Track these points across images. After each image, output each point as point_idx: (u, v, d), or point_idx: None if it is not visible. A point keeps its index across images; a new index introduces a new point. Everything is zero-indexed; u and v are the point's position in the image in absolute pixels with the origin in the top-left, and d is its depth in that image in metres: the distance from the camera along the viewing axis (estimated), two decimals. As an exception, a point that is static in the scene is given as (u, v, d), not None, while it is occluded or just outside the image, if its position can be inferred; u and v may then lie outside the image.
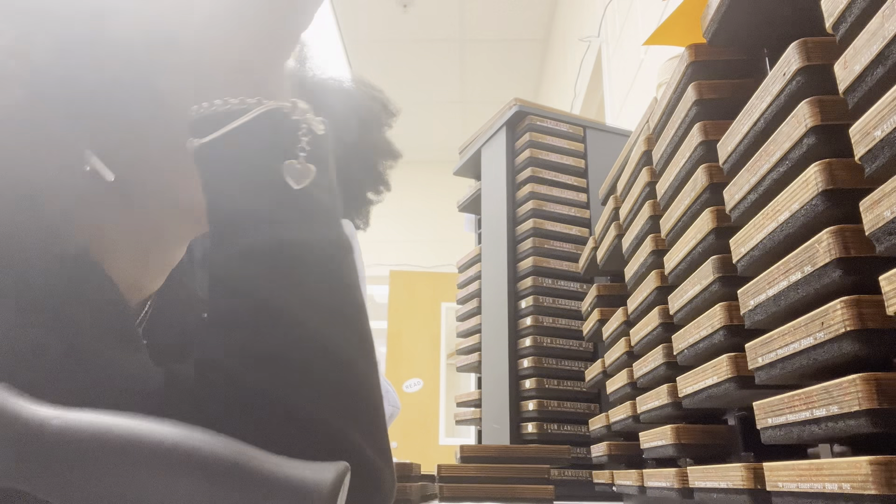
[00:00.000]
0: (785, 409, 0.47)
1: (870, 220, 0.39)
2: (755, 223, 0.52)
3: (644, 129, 0.87)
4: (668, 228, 0.71)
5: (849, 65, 0.41)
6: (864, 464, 0.38)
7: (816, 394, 0.43)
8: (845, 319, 0.41)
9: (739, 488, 0.55)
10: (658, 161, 0.75)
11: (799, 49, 0.48)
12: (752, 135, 0.54)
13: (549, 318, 1.27)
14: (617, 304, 0.96)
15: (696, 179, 0.64)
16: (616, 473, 0.92)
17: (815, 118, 0.45)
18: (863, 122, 0.40)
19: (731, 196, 0.56)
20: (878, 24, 0.38)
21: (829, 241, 0.42)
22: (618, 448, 0.96)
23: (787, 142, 0.48)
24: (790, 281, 0.47)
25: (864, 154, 0.40)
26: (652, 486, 0.76)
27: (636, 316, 0.85)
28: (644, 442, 0.78)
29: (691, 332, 0.64)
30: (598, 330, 1.05)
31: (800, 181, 0.45)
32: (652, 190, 0.81)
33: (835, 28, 0.43)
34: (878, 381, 0.39)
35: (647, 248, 0.80)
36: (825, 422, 0.43)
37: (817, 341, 0.43)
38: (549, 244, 1.31)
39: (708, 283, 0.61)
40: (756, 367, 0.52)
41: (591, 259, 1.12)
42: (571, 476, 1.16)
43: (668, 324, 0.74)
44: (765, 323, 0.51)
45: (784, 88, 0.49)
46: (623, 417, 0.89)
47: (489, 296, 1.44)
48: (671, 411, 0.73)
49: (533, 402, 1.22)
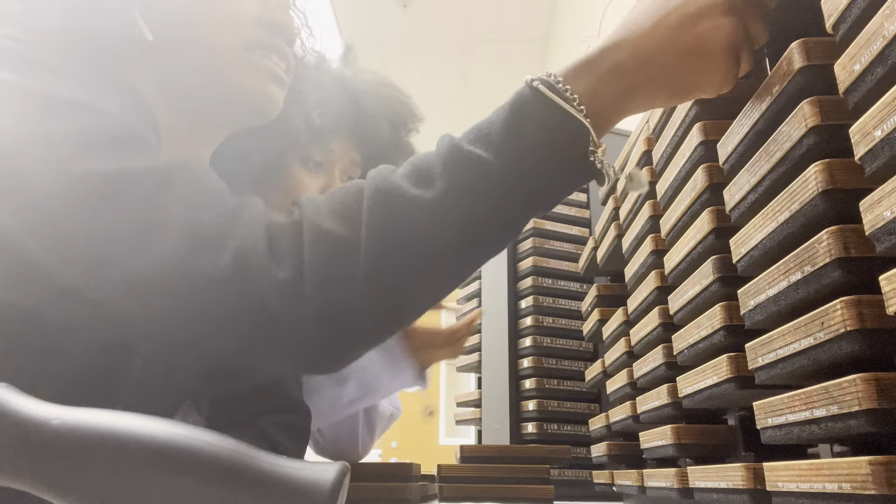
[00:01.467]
0: (785, 409, 0.47)
1: (870, 220, 0.39)
2: (755, 223, 0.52)
3: (644, 129, 0.87)
4: (668, 228, 0.71)
5: (849, 65, 0.41)
6: (864, 464, 0.38)
7: (816, 394, 0.43)
8: (845, 319, 0.41)
9: (739, 488, 0.55)
10: (658, 161, 0.75)
11: (799, 49, 0.48)
12: (752, 135, 0.54)
13: (549, 318, 1.27)
14: (617, 304, 0.96)
15: (696, 179, 0.64)
16: (616, 473, 0.92)
17: (815, 118, 0.45)
18: (863, 122, 0.40)
19: (731, 196, 0.56)
20: (878, 24, 0.38)
21: (829, 241, 0.42)
22: (618, 448, 0.96)
23: (787, 142, 0.48)
24: (790, 281, 0.47)
25: (864, 154, 0.40)
26: (652, 486, 0.76)
27: (636, 316, 0.85)
28: (644, 442, 0.78)
29: (691, 333, 0.64)
30: (598, 330, 1.05)
31: (800, 181, 0.45)
32: (652, 190, 0.81)
33: (835, 28, 0.43)
34: (878, 381, 0.39)
35: (647, 248, 0.80)
36: (825, 422, 0.43)
37: (817, 341, 0.43)
38: (549, 244, 1.31)
39: (708, 283, 0.61)
40: (756, 367, 0.52)
41: (591, 259, 1.12)
42: (571, 476, 1.16)
43: (668, 324, 0.74)
44: (765, 323, 0.51)
45: (784, 88, 0.49)
46: (623, 417, 0.89)
47: (489, 296, 1.44)
48: (671, 411, 0.73)
49: (533, 402, 1.22)
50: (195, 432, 0.34)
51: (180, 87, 0.62)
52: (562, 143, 0.48)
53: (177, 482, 0.32)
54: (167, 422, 0.35)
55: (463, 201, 0.46)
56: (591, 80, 0.50)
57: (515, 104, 0.49)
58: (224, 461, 0.33)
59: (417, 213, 0.45)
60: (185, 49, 0.60)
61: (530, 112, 0.48)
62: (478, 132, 0.48)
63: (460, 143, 0.48)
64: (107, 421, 0.34)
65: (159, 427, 0.34)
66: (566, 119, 0.48)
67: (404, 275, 0.45)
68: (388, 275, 0.45)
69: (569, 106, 0.48)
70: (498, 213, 0.47)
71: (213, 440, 0.34)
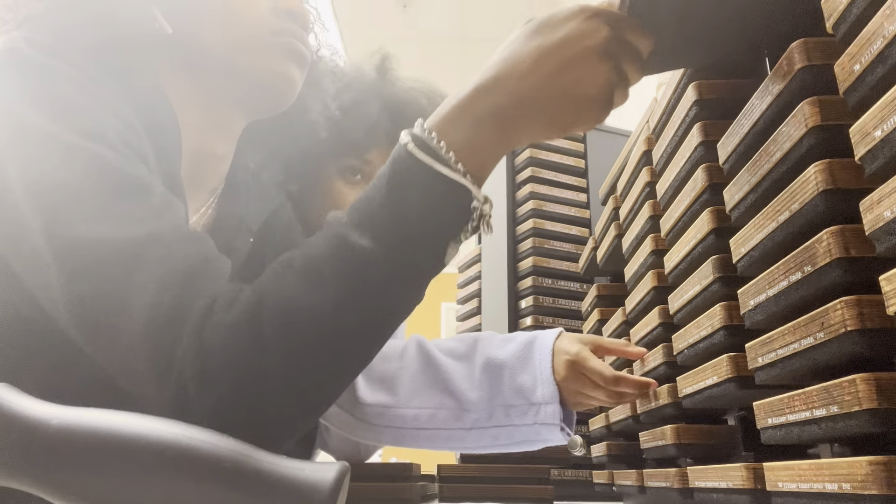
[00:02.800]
0: (785, 409, 0.47)
1: (870, 220, 0.39)
2: (755, 223, 0.52)
3: (644, 129, 0.87)
4: (668, 228, 0.71)
5: (849, 65, 0.41)
6: (864, 464, 0.38)
7: (816, 394, 0.43)
8: (845, 319, 0.41)
9: (739, 488, 0.55)
10: (658, 161, 0.75)
11: (799, 49, 0.48)
12: (752, 135, 0.54)
13: (549, 318, 1.27)
14: (617, 304, 0.96)
15: (696, 179, 0.64)
16: (616, 473, 0.92)
17: (815, 118, 0.45)
18: (863, 122, 0.40)
19: (731, 196, 0.56)
20: (878, 24, 0.38)
21: (829, 241, 0.42)
22: (618, 448, 0.96)
23: (787, 142, 0.48)
24: (790, 281, 0.47)
25: (864, 154, 0.40)
26: (652, 486, 0.76)
27: (636, 316, 0.85)
28: (644, 442, 0.78)
29: (691, 332, 0.64)
30: (598, 330, 1.05)
31: (800, 181, 0.45)
32: (652, 190, 0.81)
33: (835, 28, 0.43)
34: (878, 381, 0.39)
35: (646, 248, 0.80)
36: (825, 422, 0.43)
37: (817, 341, 0.43)
38: (549, 244, 1.31)
39: (708, 283, 0.61)
40: (756, 367, 0.52)
41: (591, 259, 1.12)
42: (571, 476, 1.16)
43: (668, 324, 0.74)
44: (765, 323, 0.51)
45: (784, 88, 0.49)
46: (623, 417, 0.89)
47: (489, 296, 1.44)
48: (671, 411, 0.73)
49: (533, 402, 1.22)
50: (195, 432, 0.34)
51: (199, 78, 0.63)
52: (443, 208, 0.48)
53: (177, 482, 0.32)
54: (167, 422, 0.35)
55: (355, 306, 0.46)
56: (468, 129, 0.49)
57: (394, 173, 0.48)
58: (224, 461, 0.33)
59: (313, 326, 0.45)
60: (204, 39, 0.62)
61: (408, 181, 0.47)
62: (361, 213, 0.48)
63: (347, 235, 0.47)
64: (107, 421, 0.34)
65: (159, 427, 0.34)
66: (444, 183, 0.48)
67: (310, 383, 0.45)
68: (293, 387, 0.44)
69: (446, 168, 0.48)
70: (390, 301, 0.47)
71: (214, 440, 0.34)
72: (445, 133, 0.49)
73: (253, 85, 0.64)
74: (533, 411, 0.76)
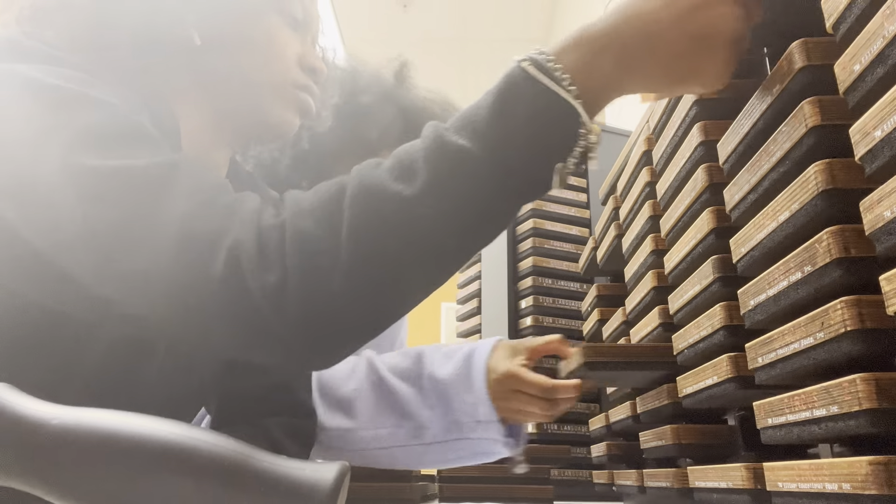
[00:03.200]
0: (785, 409, 0.47)
1: (870, 220, 0.39)
2: (755, 223, 0.52)
3: (644, 129, 0.87)
4: (668, 228, 0.71)
5: (849, 65, 0.41)
6: (864, 464, 0.38)
7: (816, 394, 0.43)
8: (845, 319, 0.41)
9: (739, 488, 0.55)
10: (658, 161, 0.75)
11: (799, 49, 0.48)
12: (752, 135, 0.54)
13: (549, 318, 1.27)
14: (617, 304, 0.96)
15: (696, 179, 0.64)
16: (616, 473, 0.92)
17: (815, 118, 0.45)
18: (863, 122, 0.40)
19: (731, 196, 0.56)
20: (878, 24, 0.38)
21: (829, 241, 0.42)
22: (618, 448, 0.96)
23: (787, 142, 0.48)
24: (790, 281, 0.47)
25: (864, 154, 0.40)
26: (652, 486, 0.76)
27: (636, 316, 0.85)
28: (644, 442, 0.78)
29: (691, 332, 0.64)
30: (598, 330, 1.05)
31: (800, 181, 0.45)
32: (652, 190, 0.81)
33: (835, 28, 0.43)
34: (878, 381, 0.39)
35: (646, 248, 0.80)
36: (825, 422, 0.43)
37: (817, 341, 0.43)
38: (549, 244, 1.31)
39: (708, 283, 0.61)
40: (756, 367, 0.52)
41: (591, 259, 1.12)
42: (571, 476, 1.16)
43: (667, 324, 0.74)
44: (765, 323, 0.51)
45: (784, 88, 0.49)
46: (623, 417, 0.89)
47: (489, 296, 1.44)
48: (671, 411, 0.73)
49: (533, 401, 1.22)
50: (195, 432, 0.34)
51: (211, 98, 0.63)
52: (549, 127, 0.46)
53: (176, 482, 0.32)
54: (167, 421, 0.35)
55: (445, 196, 0.44)
56: (587, 55, 0.48)
57: (503, 86, 0.47)
58: (224, 461, 0.33)
59: (398, 211, 0.44)
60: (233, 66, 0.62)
61: (517, 94, 0.46)
62: (464, 119, 0.47)
63: (444, 134, 0.46)
64: (107, 421, 0.34)
65: (159, 427, 0.34)
66: (554, 101, 0.46)
67: (384, 275, 0.44)
68: (367, 276, 0.44)
69: (557, 86, 0.46)
70: (482, 205, 0.46)
71: (214, 440, 0.34)
72: (562, 57, 0.48)
73: (260, 122, 0.65)
74: (481, 428, 0.78)
